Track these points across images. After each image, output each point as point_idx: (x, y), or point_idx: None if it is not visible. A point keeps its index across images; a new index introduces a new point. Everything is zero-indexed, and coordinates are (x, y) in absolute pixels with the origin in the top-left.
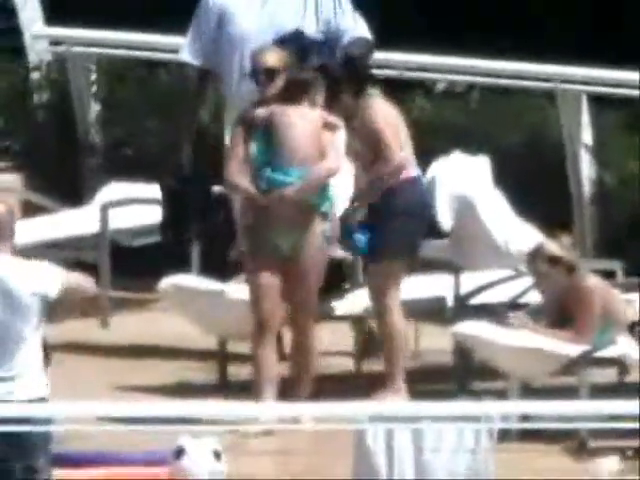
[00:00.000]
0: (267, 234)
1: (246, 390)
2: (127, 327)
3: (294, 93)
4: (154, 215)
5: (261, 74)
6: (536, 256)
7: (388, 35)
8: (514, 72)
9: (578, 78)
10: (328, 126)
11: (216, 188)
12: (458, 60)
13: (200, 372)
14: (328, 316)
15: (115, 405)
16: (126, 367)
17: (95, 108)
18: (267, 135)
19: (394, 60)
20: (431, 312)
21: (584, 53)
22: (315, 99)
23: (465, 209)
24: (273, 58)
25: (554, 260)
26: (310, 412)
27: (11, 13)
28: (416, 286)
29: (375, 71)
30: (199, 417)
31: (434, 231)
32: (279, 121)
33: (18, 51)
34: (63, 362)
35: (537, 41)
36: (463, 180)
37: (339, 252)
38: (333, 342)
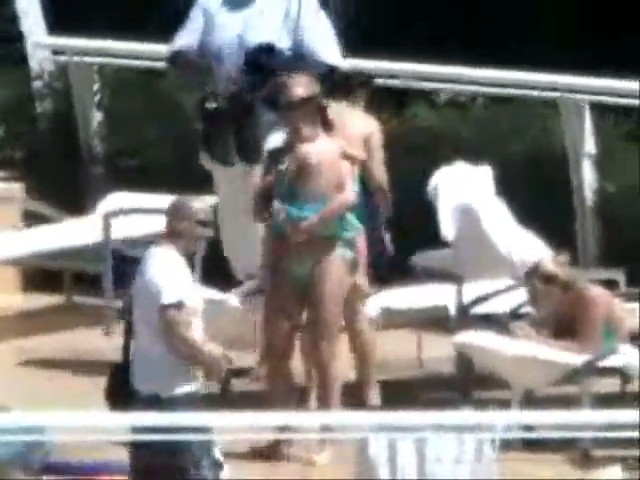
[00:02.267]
0: (285, 262)
1: (247, 400)
2: None
3: (316, 121)
4: (156, 225)
5: (288, 105)
6: (532, 275)
7: (391, 44)
8: (517, 82)
9: (581, 88)
10: (347, 157)
11: None
12: (461, 70)
13: (203, 381)
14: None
15: (118, 415)
16: None
17: (97, 117)
18: (286, 169)
19: (398, 70)
20: (434, 321)
21: (586, 63)
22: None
23: (468, 218)
24: (302, 88)
25: (550, 278)
26: (313, 422)
27: (13, 22)
28: (419, 295)
29: (379, 81)
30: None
31: (437, 240)
32: (295, 157)
33: (20, 60)
34: (66, 370)
35: (540, 51)
36: (466, 189)
37: (362, 279)
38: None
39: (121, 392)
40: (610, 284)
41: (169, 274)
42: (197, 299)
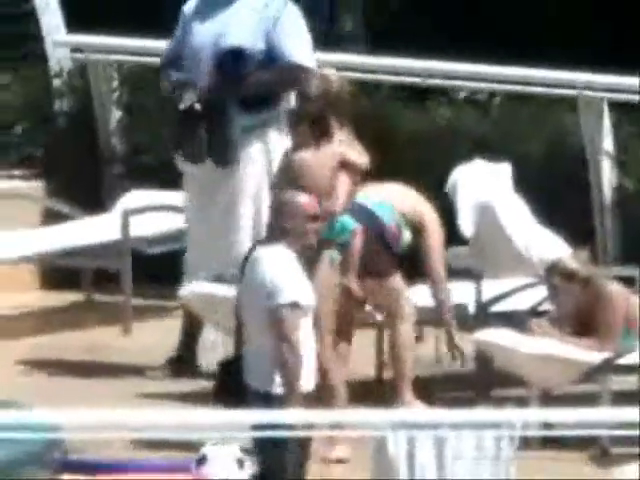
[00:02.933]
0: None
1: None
2: (148, 334)
3: (313, 130)
4: (175, 222)
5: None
6: (553, 271)
7: (409, 43)
8: (535, 79)
9: (599, 85)
10: (346, 165)
11: None
12: (479, 67)
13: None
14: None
15: (136, 413)
16: (148, 373)
17: (116, 115)
18: (286, 177)
19: (416, 67)
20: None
21: (605, 60)
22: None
23: (486, 216)
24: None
25: (570, 275)
26: (332, 420)
27: (32, 20)
28: None
29: (397, 78)
30: (220, 425)
31: (455, 238)
32: (292, 164)
33: (39, 58)
34: (85, 368)
35: (558, 48)
36: (484, 187)
37: (353, 284)
38: (355, 349)
39: (232, 389)
40: (628, 281)
41: (283, 273)
42: (309, 297)
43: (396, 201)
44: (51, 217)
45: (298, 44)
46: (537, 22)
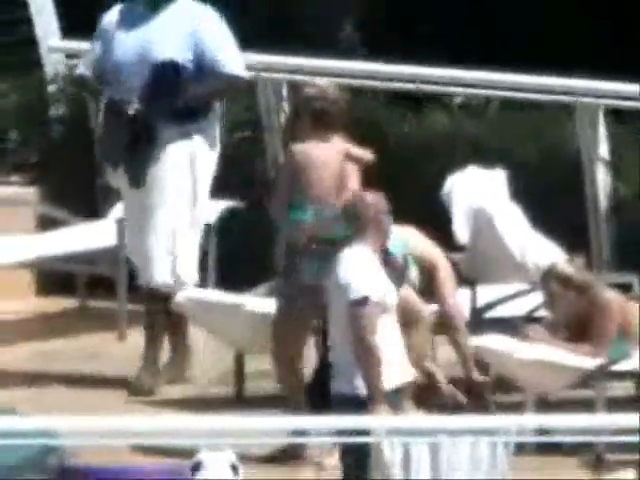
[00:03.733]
0: (295, 266)
1: (263, 404)
2: (143, 340)
3: (319, 127)
4: None
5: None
6: (548, 276)
7: (404, 49)
8: (531, 86)
9: (595, 91)
10: (352, 159)
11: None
12: (475, 74)
13: (217, 386)
14: None
15: (131, 419)
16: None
17: None
18: (292, 173)
19: (412, 73)
20: (448, 325)
21: (601, 67)
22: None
23: (482, 222)
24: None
25: (566, 281)
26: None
27: (27, 26)
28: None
29: (393, 84)
30: (217, 431)
31: (451, 244)
32: (298, 159)
33: (34, 64)
34: (79, 374)
35: (554, 55)
36: (480, 193)
37: None
38: None
39: (321, 392)
40: (624, 288)
41: (357, 270)
42: (390, 294)
43: (408, 241)
44: (46, 223)
45: (229, 54)
46: (536, 27)
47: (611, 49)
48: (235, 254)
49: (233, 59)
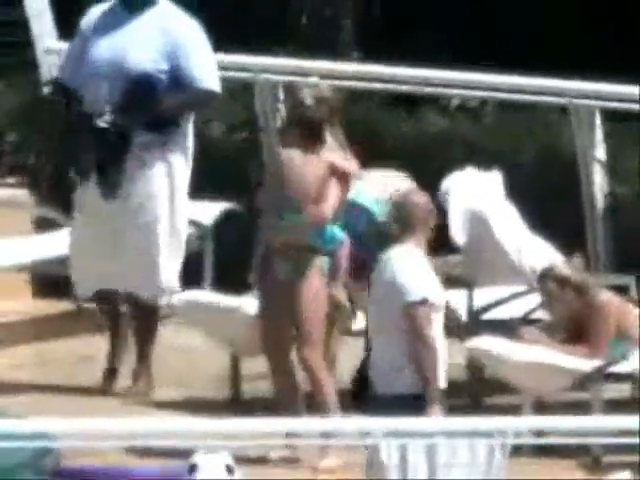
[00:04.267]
0: (272, 259)
1: (259, 406)
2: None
3: (308, 138)
4: None
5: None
6: (546, 277)
7: (403, 50)
8: (527, 87)
9: (592, 93)
10: (336, 172)
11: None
12: (471, 75)
13: (213, 388)
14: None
15: (128, 421)
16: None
17: None
18: (275, 176)
19: (408, 75)
20: (444, 327)
21: (602, 68)
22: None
23: (478, 224)
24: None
25: (564, 281)
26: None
27: (23, 27)
28: None
29: (389, 86)
30: (212, 433)
31: (447, 246)
32: (283, 165)
33: (30, 66)
34: (77, 376)
35: (555, 55)
36: (476, 195)
37: (340, 293)
38: (347, 357)
39: (364, 393)
40: (621, 289)
41: (413, 271)
42: (440, 293)
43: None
44: (43, 225)
45: (205, 69)
46: (537, 28)
47: (611, 50)
48: (232, 256)
49: (209, 74)
